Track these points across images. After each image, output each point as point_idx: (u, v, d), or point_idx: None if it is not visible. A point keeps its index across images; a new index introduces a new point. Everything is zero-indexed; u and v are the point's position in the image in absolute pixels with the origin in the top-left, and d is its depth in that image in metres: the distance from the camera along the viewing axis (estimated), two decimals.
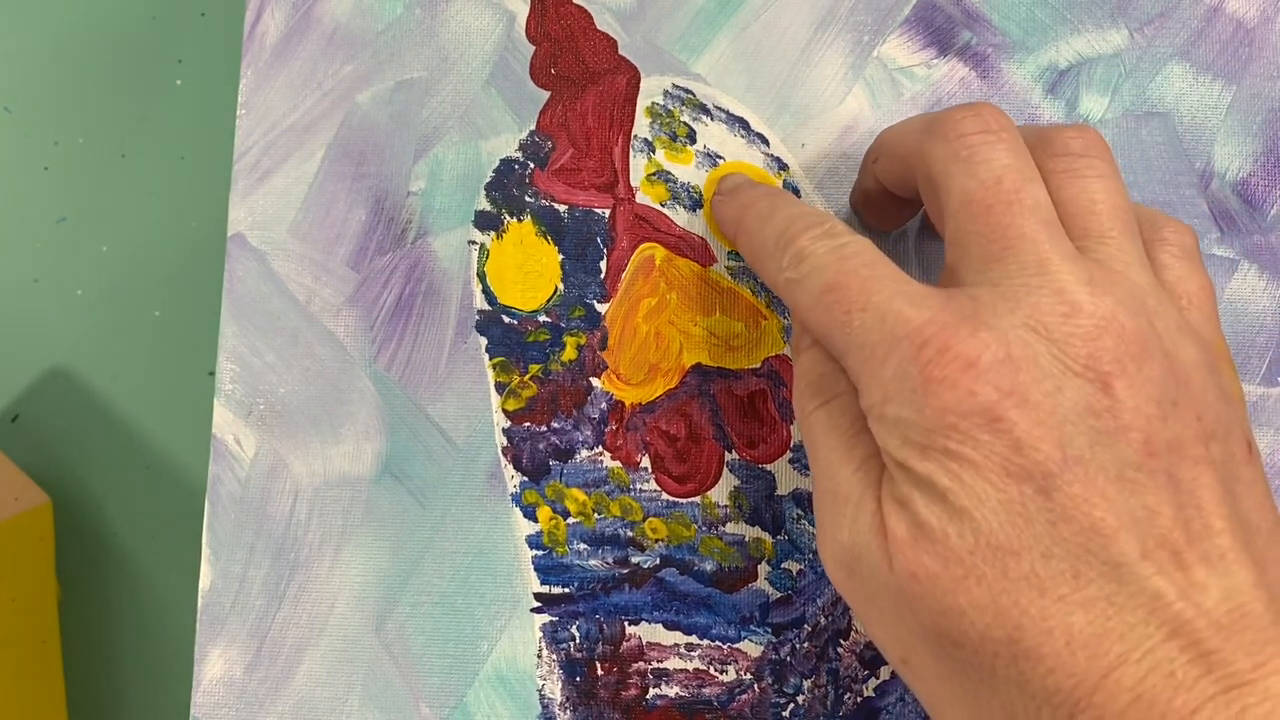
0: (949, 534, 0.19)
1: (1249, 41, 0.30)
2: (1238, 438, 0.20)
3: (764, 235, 0.24)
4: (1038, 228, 0.21)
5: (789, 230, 0.23)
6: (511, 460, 0.29)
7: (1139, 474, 0.19)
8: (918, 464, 0.20)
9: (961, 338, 0.19)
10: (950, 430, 0.19)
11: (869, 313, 0.21)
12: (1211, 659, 0.17)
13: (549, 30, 0.30)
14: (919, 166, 0.24)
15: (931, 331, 0.20)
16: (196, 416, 0.84)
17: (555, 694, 0.28)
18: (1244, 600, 0.18)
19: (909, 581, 0.20)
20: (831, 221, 0.23)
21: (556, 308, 0.29)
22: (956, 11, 0.30)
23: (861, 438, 0.22)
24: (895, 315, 0.20)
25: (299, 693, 0.28)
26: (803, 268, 0.22)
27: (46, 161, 0.87)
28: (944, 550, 0.19)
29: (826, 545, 0.22)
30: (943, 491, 0.19)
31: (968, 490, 0.19)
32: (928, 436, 0.19)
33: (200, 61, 0.88)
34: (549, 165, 0.30)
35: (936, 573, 0.19)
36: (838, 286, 0.21)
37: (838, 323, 0.21)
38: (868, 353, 0.21)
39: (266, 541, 0.29)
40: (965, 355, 0.19)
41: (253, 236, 0.30)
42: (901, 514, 0.20)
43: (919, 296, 0.21)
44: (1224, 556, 0.18)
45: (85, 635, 0.84)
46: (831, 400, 0.23)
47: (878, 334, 0.20)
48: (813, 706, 0.27)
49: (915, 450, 0.20)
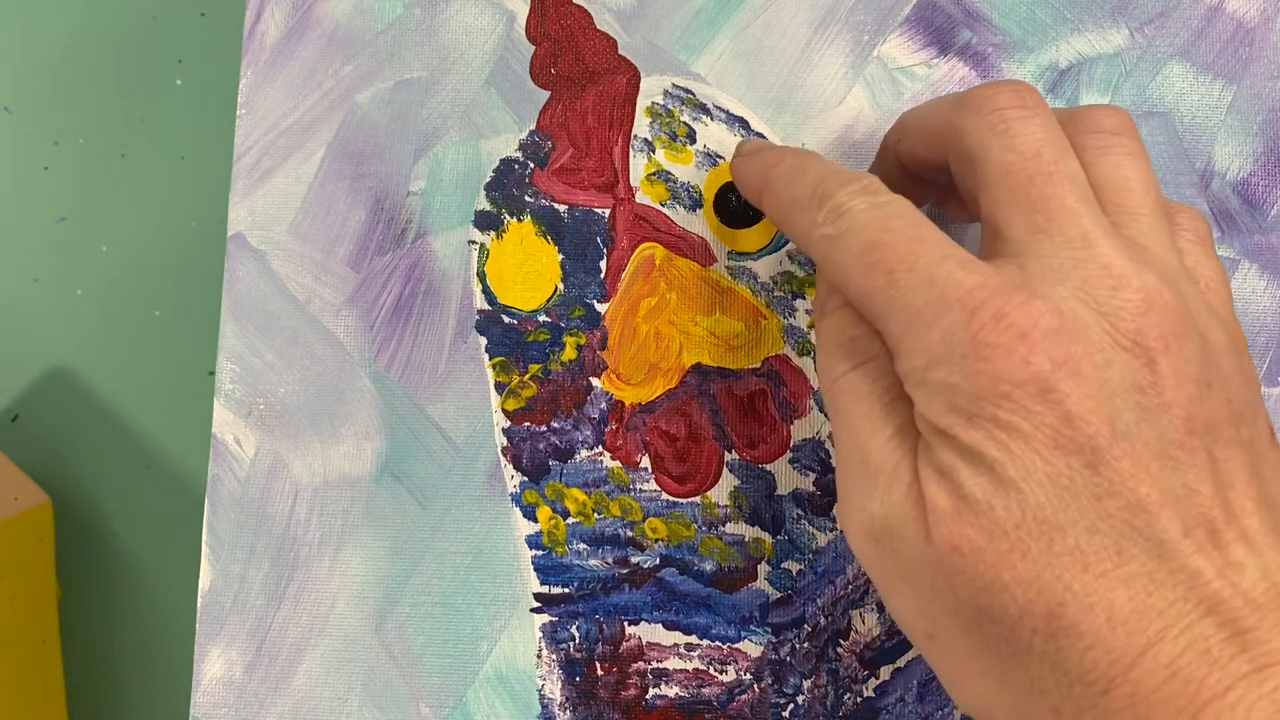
0: (994, 506, 0.19)
1: (1249, 41, 0.30)
2: (1263, 421, 0.20)
3: (795, 191, 0.23)
4: (1079, 201, 0.20)
5: (824, 185, 0.22)
6: (511, 460, 0.29)
7: (1180, 452, 0.19)
8: (964, 432, 0.19)
9: (1016, 304, 0.19)
10: (1002, 399, 0.18)
11: (916, 274, 0.20)
12: (1246, 638, 0.17)
13: (549, 30, 0.30)
14: (952, 142, 0.23)
15: (984, 296, 0.19)
16: (196, 416, 0.84)
17: (555, 694, 0.28)
18: (1278, 579, 0.18)
19: (950, 555, 0.19)
20: (869, 178, 0.22)
21: (556, 307, 0.29)
22: (957, 11, 0.30)
23: (897, 404, 0.21)
24: (946, 278, 0.19)
25: (299, 693, 0.28)
26: (840, 224, 0.21)
27: (46, 161, 0.87)
28: (989, 523, 0.19)
29: (854, 515, 0.21)
30: (990, 462, 0.19)
31: (1016, 461, 0.18)
32: (976, 404, 0.19)
33: (200, 61, 0.88)
34: (549, 165, 0.30)
35: (980, 546, 0.19)
36: (881, 245, 0.20)
37: (879, 284, 0.20)
38: (913, 314, 0.20)
39: (266, 541, 0.29)
40: (1020, 323, 0.19)
41: (253, 236, 0.30)
42: (943, 484, 0.19)
43: (969, 261, 0.20)
44: (1256, 536, 0.18)
45: (85, 635, 0.84)
46: (864, 364, 0.22)
47: (925, 296, 0.20)
48: (812, 706, 0.27)
49: (962, 418, 0.19)
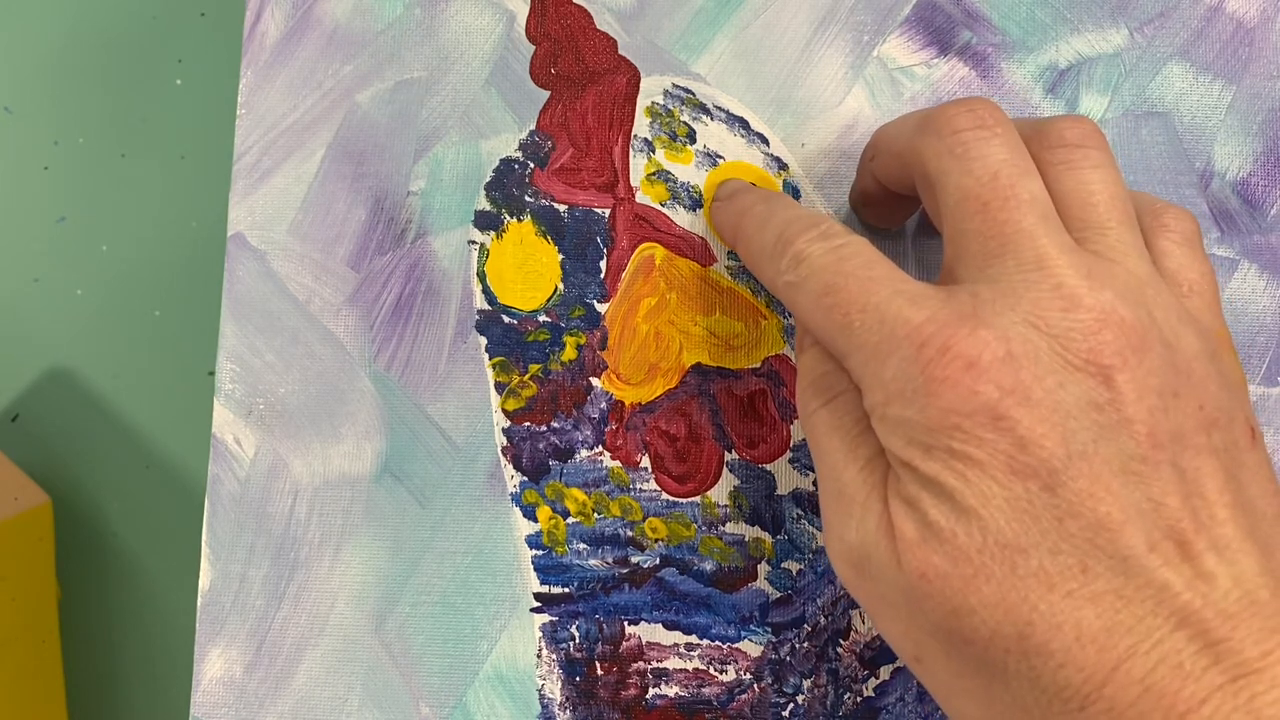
0: (957, 533, 0.19)
1: (1249, 41, 0.30)
2: (1240, 424, 0.20)
3: (762, 239, 0.24)
4: (1035, 223, 0.20)
5: (786, 233, 0.23)
6: (511, 460, 0.29)
7: (1143, 466, 0.19)
8: (923, 464, 0.20)
9: (961, 336, 0.19)
10: (954, 430, 0.19)
11: (868, 314, 0.21)
12: (1219, 648, 0.17)
13: (549, 30, 0.30)
14: (914, 164, 0.23)
15: (931, 330, 0.20)
16: (196, 416, 0.84)
17: (555, 694, 0.28)
18: (1251, 588, 0.18)
19: (919, 581, 0.19)
20: (828, 223, 0.23)
21: (556, 307, 0.29)
22: (956, 11, 0.30)
23: (865, 437, 0.22)
24: (895, 315, 0.20)
25: (299, 692, 0.28)
26: (801, 270, 0.22)
27: (46, 161, 0.87)
28: (952, 549, 0.19)
29: (834, 545, 0.22)
30: (949, 491, 0.19)
31: (974, 489, 0.19)
32: (932, 436, 0.19)
33: (200, 61, 0.88)
34: (549, 165, 0.30)
35: (946, 571, 0.19)
36: (836, 288, 0.21)
37: (837, 325, 0.21)
38: (868, 354, 0.21)
39: (266, 541, 0.29)
40: (966, 354, 0.19)
41: (253, 236, 0.30)
42: (909, 514, 0.20)
43: (918, 295, 0.20)
44: (1229, 544, 0.18)
45: (85, 635, 0.84)
46: (834, 399, 0.23)
47: (878, 335, 0.20)
48: (812, 706, 0.27)
49: (920, 450, 0.20)
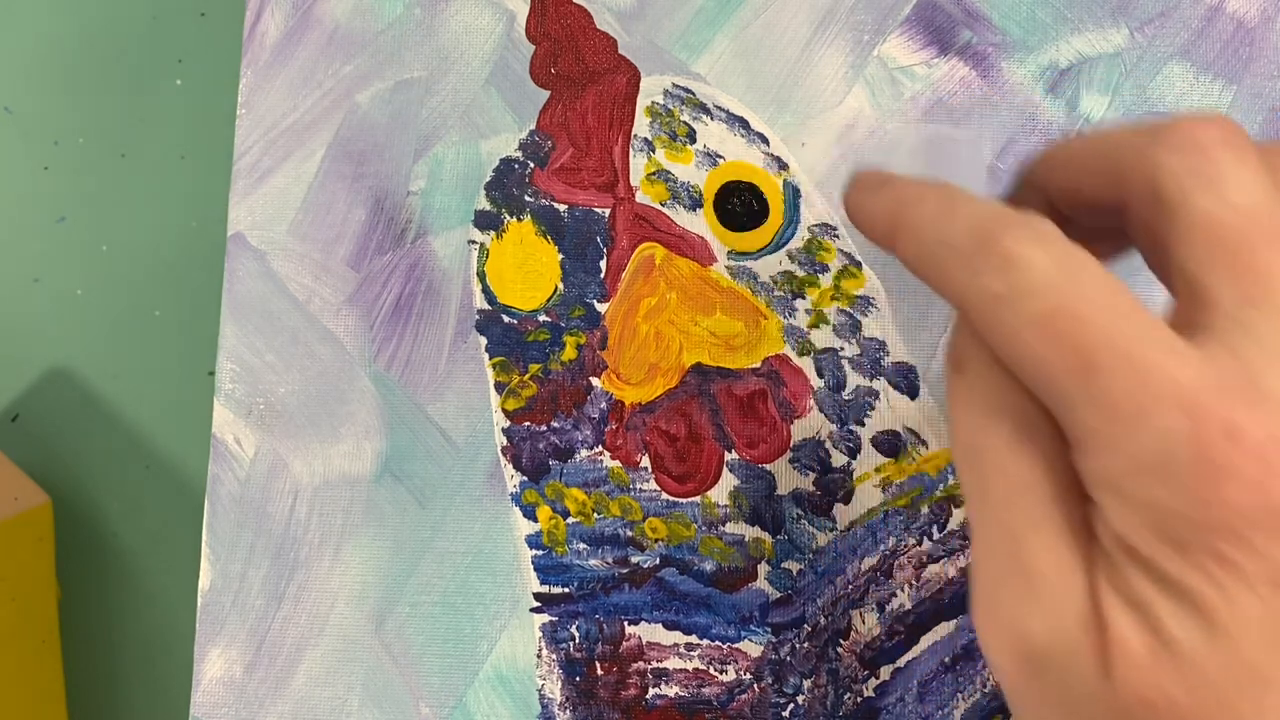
0: (1205, 658, 0.16)
1: (1249, 41, 0.30)
2: None
3: (945, 232, 0.19)
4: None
5: (986, 225, 0.18)
6: (511, 460, 0.29)
7: None
8: (1171, 563, 0.16)
9: (1246, 413, 0.16)
10: (1229, 532, 0.16)
11: (1118, 359, 0.17)
12: None
13: (549, 30, 0.30)
14: (1137, 181, 0.19)
15: (1208, 399, 0.16)
16: (196, 416, 0.84)
17: (555, 694, 0.28)
18: None
19: (1138, 707, 0.16)
20: (1043, 221, 0.18)
21: (556, 307, 0.29)
22: (957, 11, 0.30)
23: (1069, 500, 0.18)
24: (1155, 368, 0.16)
25: (299, 693, 0.28)
26: (1013, 278, 0.18)
27: (46, 161, 0.87)
28: (1195, 677, 0.16)
29: (1002, 630, 0.18)
30: (1202, 602, 0.16)
31: (1233, 605, 0.16)
32: (1194, 533, 0.16)
33: (200, 61, 0.88)
34: (549, 165, 0.30)
35: (1178, 701, 0.16)
36: (1072, 314, 0.17)
37: (1067, 363, 0.17)
38: (1111, 408, 0.17)
39: (266, 541, 0.29)
40: (1257, 439, 0.16)
41: (252, 236, 0.30)
42: (1136, 619, 0.16)
43: (1173, 345, 0.17)
44: None
45: (85, 635, 0.84)
46: (1030, 443, 0.18)
47: (1127, 386, 0.16)
48: (812, 706, 0.27)
49: (1171, 546, 0.16)
